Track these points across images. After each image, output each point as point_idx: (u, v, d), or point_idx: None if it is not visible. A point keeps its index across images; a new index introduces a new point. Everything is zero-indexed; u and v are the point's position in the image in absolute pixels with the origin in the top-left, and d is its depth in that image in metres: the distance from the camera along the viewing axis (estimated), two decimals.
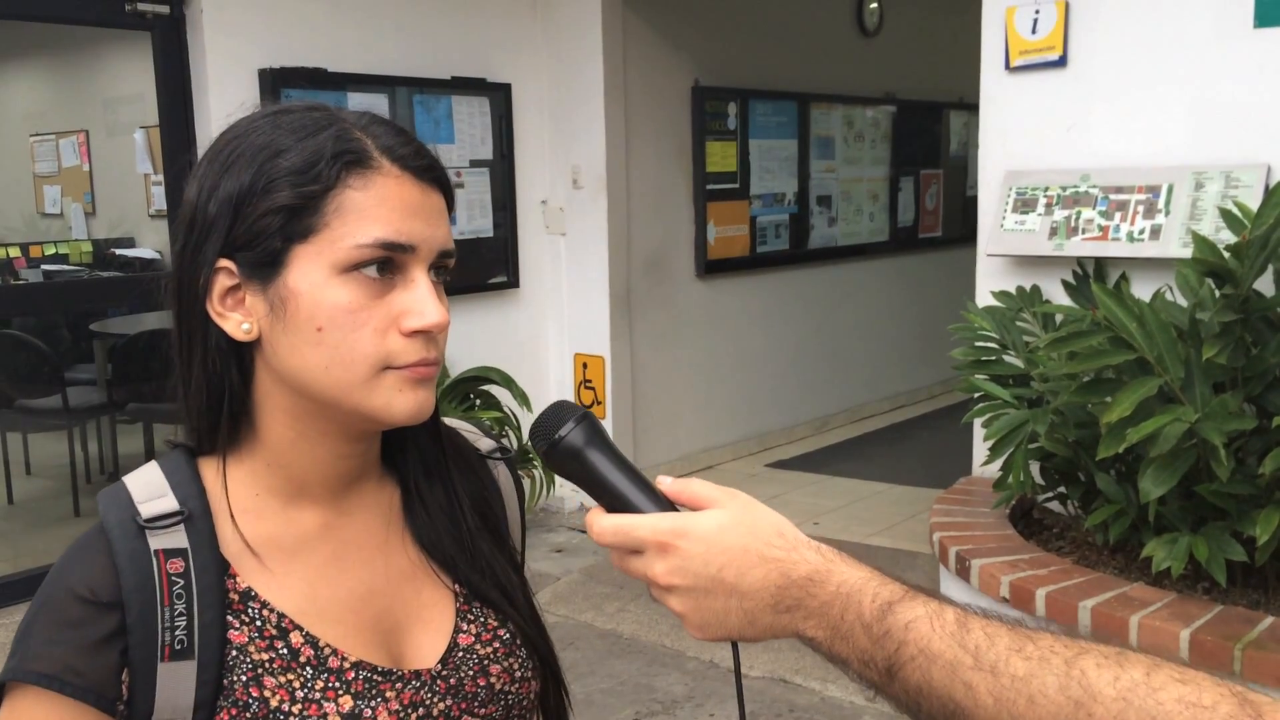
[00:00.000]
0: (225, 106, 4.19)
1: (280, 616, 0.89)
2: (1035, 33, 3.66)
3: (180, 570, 0.86)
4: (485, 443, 1.07)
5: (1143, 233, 3.43)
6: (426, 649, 0.95)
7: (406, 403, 0.88)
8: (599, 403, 5.47)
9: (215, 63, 4.23)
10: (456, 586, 0.98)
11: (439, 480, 0.99)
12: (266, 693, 0.86)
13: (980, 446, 3.78)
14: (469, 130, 5.07)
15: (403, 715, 0.90)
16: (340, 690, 0.88)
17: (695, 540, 0.79)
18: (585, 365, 5.50)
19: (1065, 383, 3.01)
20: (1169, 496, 2.86)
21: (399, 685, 0.91)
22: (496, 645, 0.97)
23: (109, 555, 0.85)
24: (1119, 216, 3.49)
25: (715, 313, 6.04)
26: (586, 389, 5.51)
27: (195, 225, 0.88)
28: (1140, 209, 3.46)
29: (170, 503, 0.88)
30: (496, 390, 4.65)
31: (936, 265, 7.40)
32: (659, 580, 0.80)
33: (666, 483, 0.85)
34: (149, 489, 0.89)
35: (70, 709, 0.83)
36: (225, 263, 0.87)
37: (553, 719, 1.05)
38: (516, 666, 0.98)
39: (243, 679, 0.86)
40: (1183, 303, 3.15)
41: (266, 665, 0.87)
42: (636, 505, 0.83)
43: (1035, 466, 3.31)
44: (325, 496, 0.94)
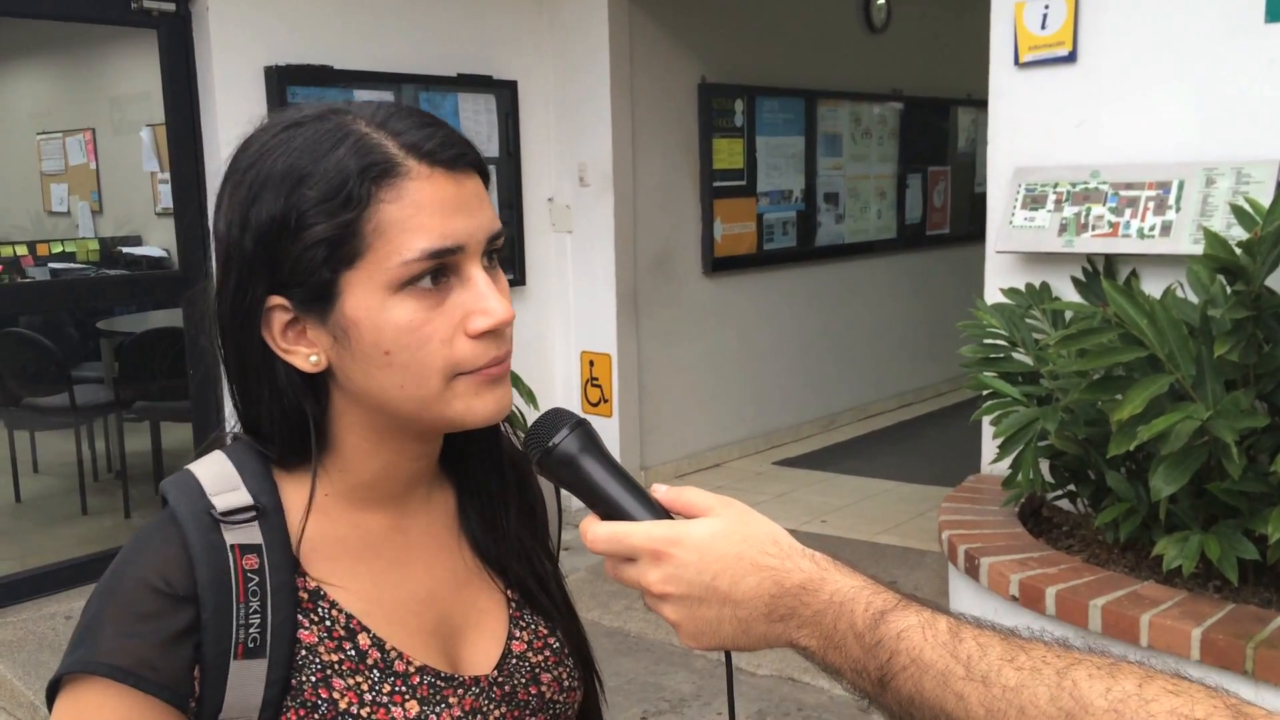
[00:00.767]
0: (231, 104, 4.23)
1: (349, 617, 0.88)
2: (1045, 28, 3.64)
3: (255, 567, 0.84)
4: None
5: (1153, 229, 3.41)
6: (482, 655, 0.94)
7: (485, 405, 0.87)
8: (605, 400, 5.46)
9: (221, 60, 4.23)
10: (509, 592, 0.98)
11: (496, 484, 0.98)
12: (335, 694, 0.85)
13: (989, 444, 3.77)
14: (475, 128, 5.06)
15: None
16: (406, 695, 0.87)
17: (689, 549, 0.79)
18: (592, 363, 5.49)
19: (1075, 380, 2.99)
20: (1180, 494, 2.85)
21: (460, 691, 0.90)
22: (547, 654, 0.97)
23: (183, 547, 0.83)
24: (1129, 213, 3.47)
25: (722, 310, 6.03)
26: (593, 386, 5.51)
27: (233, 262, 0.85)
28: (1151, 205, 3.44)
29: (244, 496, 0.86)
30: None
31: (944, 262, 7.38)
32: (653, 589, 0.80)
33: (661, 490, 0.84)
34: (221, 481, 0.86)
35: (144, 705, 0.80)
36: (277, 299, 0.84)
37: None
38: (565, 676, 0.98)
39: (312, 679, 0.85)
40: (1194, 299, 3.13)
41: (336, 666, 0.86)
42: (631, 513, 0.83)
43: (1045, 464, 3.29)
44: (391, 499, 0.93)
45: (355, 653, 0.87)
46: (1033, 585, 3.00)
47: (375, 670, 0.87)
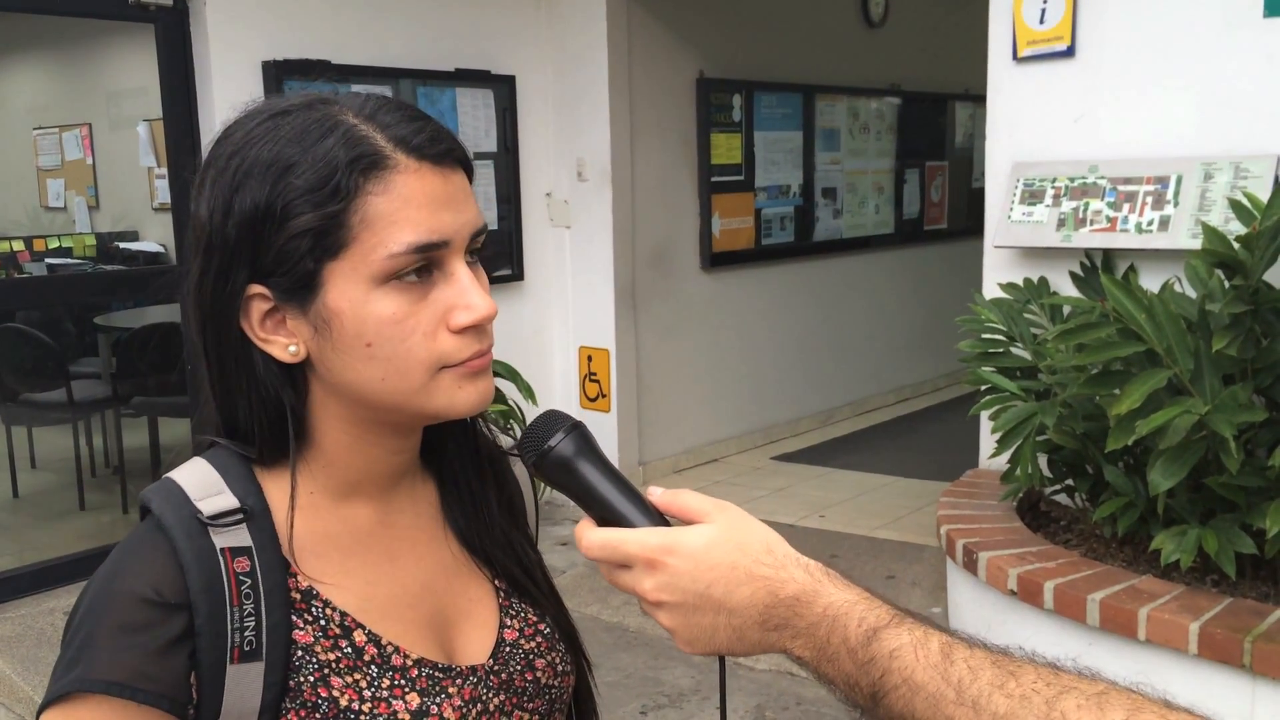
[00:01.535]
0: (229, 99, 4.21)
1: (343, 615, 0.88)
2: (1043, 23, 3.64)
3: (246, 569, 0.83)
4: (504, 440, 1.07)
5: (1151, 224, 3.42)
6: (476, 644, 0.95)
7: (468, 396, 0.87)
8: (603, 395, 5.46)
9: (219, 55, 4.22)
10: (497, 582, 0.99)
11: (476, 476, 0.99)
12: (335, 692, 0.85)
13: (987, 439, 3.77)
14: (473, 123, 5.05)
15: (465, 711, 0.90)
16: (406, 688, 0.88)
17: (683, 557, 0.79)
18: (590, 358, 5.49)
19: (1073, 375, 2.99)
20: (1178, 489, 2.85)
21: (459, 681, 0.91)
22: (539, 640, 0.98)
23: (172, 554, 0.82)
24: (1127, 208, 3.47)
25: (720, 305, 6.03)
26: (591, 382, 5.51)
27: (214, 249, 0.84)
28: (1149, 200, 3.44)
29: (230, 500, 0.85)
30: (501, 383, 4.64)
31: (942, 257, 7.38)
32: (648, 596, 0.80)
33: (657, 494, 0.84)
34: (204, 486, 0.86)
35: (143, 716, 0.79)
36: (258, 288, 0.84)
37: (583, 712, 1.06)
38: (558, 661, 0.99)
39: (310, 679, 0.85)
40: (1192, 294, 3.13)
41: (333, 665, 0.86)
42: (627, 517, 0.83)
43: (1043, 459, 3.30)
44: (376, 493, 0.93)
45: (352, 650, 0.87)
46: (1031, 579, 3.01)
47: (373, 666, 0.87)
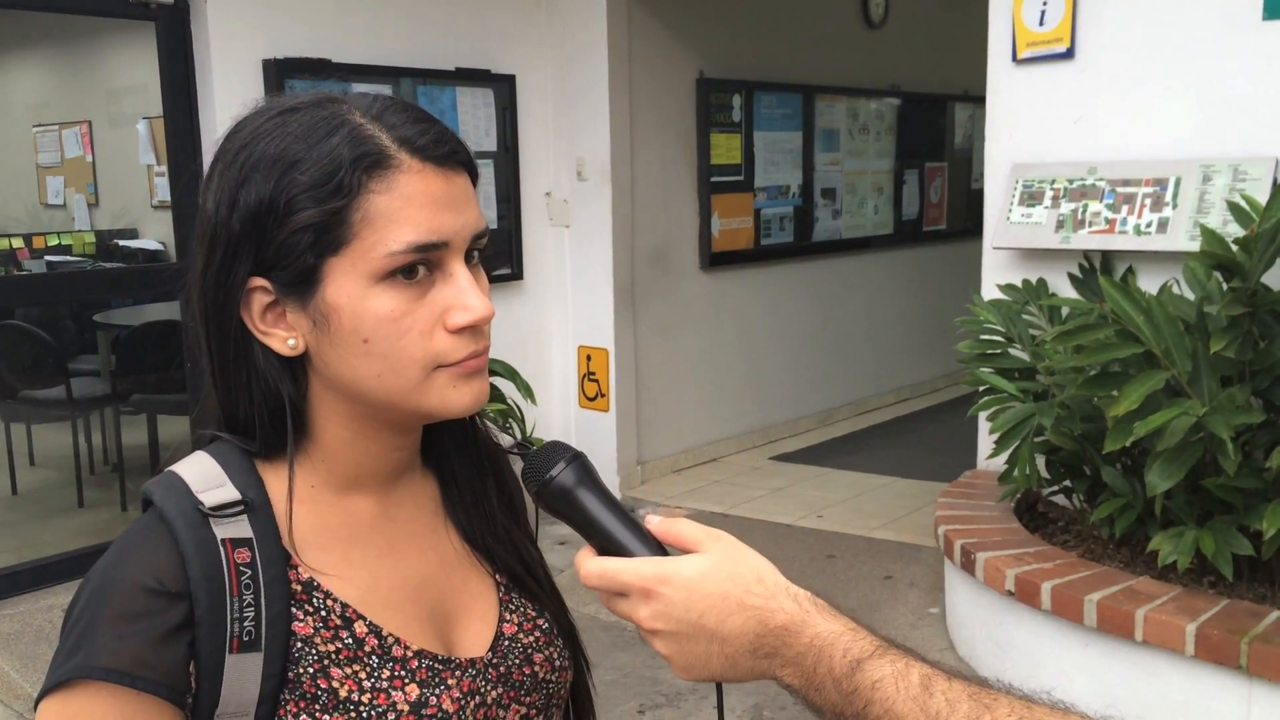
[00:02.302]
0: (229, 97, 4.22)
1: (344, 606, 0.88)
2: (1043, 24, 3.65)
3: (247, 560, 0.84)
4: (504, 438, 1.08)
5: (1150, 226, 3.42)
6: (475, 637, 0.96)
7: (462, 397, 0.88)
8: (602, 395, 5.47)
9: (219, 53, 4.22)
10: (498, 576, 1.00)
11: (476, 473, 1.00)
12: (334, 683, 0.86)
13: (986, 439, 3.77)
14: (473, 122, 5.06)
15: (463, 703, 0.91)
16: (406, 679, 0.88)
17: (677, 587, 0.82)
18: (589, 357, 5.49)
19: (1072, 376, 3.00)
20: (1175, 490, 2.86)
21: (458, 673, 0.92)
22: (537, 635, 0.99)
23: (173, 544, 0.83)
24: (1126, 209, 3.48)
25: (719, 305, 6.03)
26: (590, 381, 5.51)
27: (218, 242, 0.85)
28: (1147, 202, 3.44)
29: (231, 492, 0.86)
30: (500, 382, 4.63)
31: (941, 258, 7.38)
32: (643, 625, 0.83)
33: (654, 522, 0.86)
34: (206, 479, 0.87)
35: (141, 704, 0.80)
36: (259, 281, 0.85)
37: (580, 709, 1.07)
38: (555, 656, 1.00)
39: (310, 670, 0.85)
40: (1190, 296, 3.14)
41: (333, 656, 0.86)
42: (625, 546, 0.86)
43: (1041, 460, 3.30)
44: (377, 487, 0.94)
45: (352, 640, 0.87)
46: (1028, 580, 3.01)
47: (374, 657, 0.88)
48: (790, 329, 6.48)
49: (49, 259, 6.98)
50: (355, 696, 0.86)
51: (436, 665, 0.90)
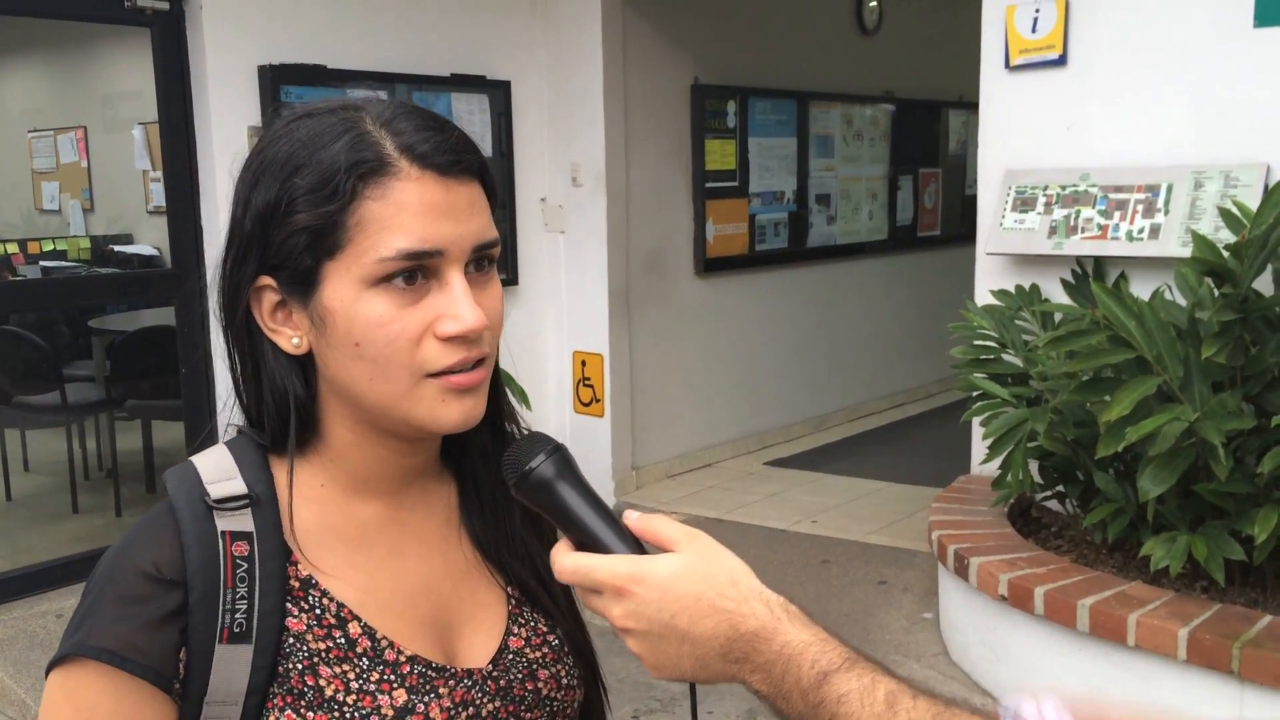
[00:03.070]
0: (224, 103, 4.23)
1: (340, 606, 0.89)
2: (1035, 31, 3.66)
3: (245, 554, 0.86)
4: None
5: (1142, 232, 3.43)
6: (478, 648, 0.95)
7: (451, 413, 0.88)
8: (597, 400, 5.47)
9: (215, 59, 4.22)
10: (509, 589, 0.99)
11: (501, 485, 0.99)
12: (322, 681, 0.86)
13: (979, 445, 3.78)
14: (468, 128, 5.05)
15: (453, 713, 0.90)
16: (395, 683, 0.88)
17: (650, 587, 0.81)
18: (584, 363, 5.50)
19: (1064, 381, 3.01)
20: (1167, 495, 2.87)
21: (451, 682, 0.91)
22: (545, 651, 0.98)
23: (176, 533, 0.85)
24: (1118, 215, 3.49)
25: (714, 311, 6.04)
26: (585, 386, 5.51)
27: (234, 240, 0.89)
28: (1139, 208, 3.46)
29: (239, 485, 0.88)
30: None
31: (935, 264, 7.40)
32: (616, 623, 0.83)
33: (633, 518, 0.85)
34: (218, 470, 0.89)
35: (129, 686, 0.83)
36: (267, 280, 0.87)
37: None
38: (563, 674, 0.98)
39: (299, 667, 0.86)
40: (1182, 302, 3.15)
41: (323, 654, 0.87)
42: (603, 542, 0.84)
43: (1034, 465, 3.31)
44: (387, 491, 0.94)
45: (345, 641, 0.88)
46: (1021, 585, 3.02)
47: (364, 659, 0.88)
48: (785, 334, 6.49)
49: (44, 264, 6.98)
50: (340, 696, 0.86)
51: (430, 673, 0.90)
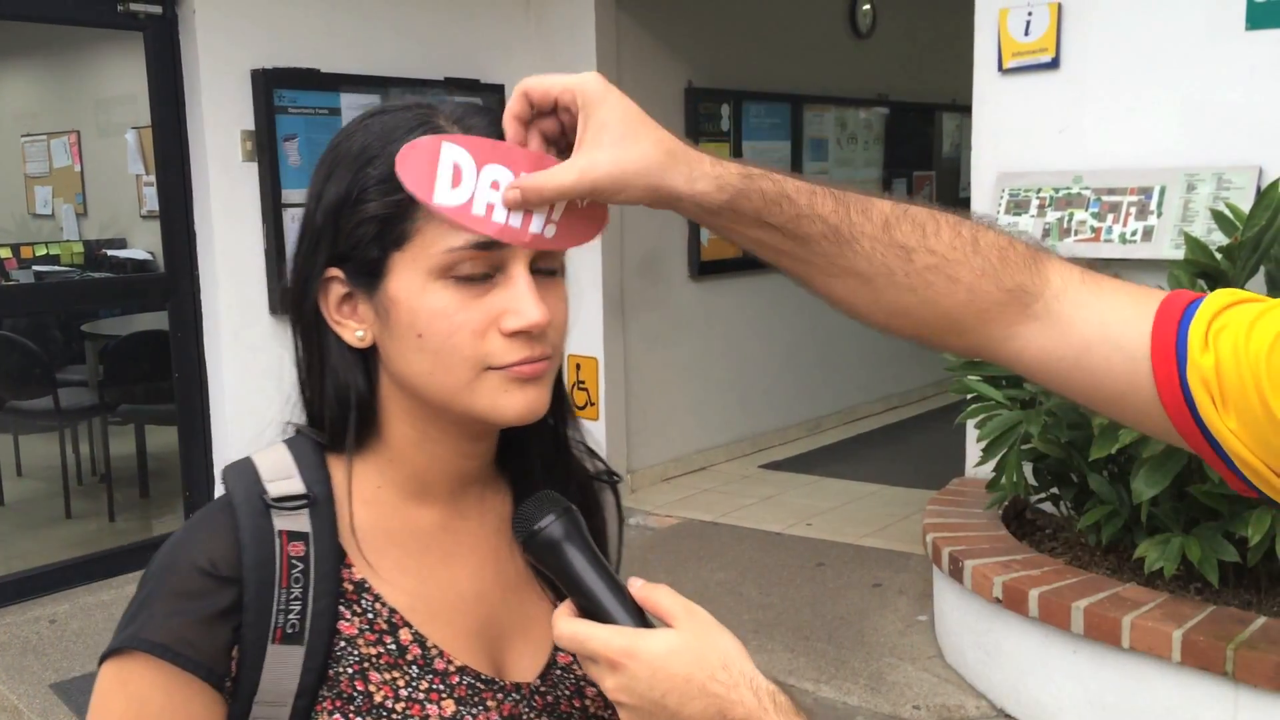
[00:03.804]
0: (217, 107, 4.23)
1: (392, 611, 0.88)
2: (1028, 35, 3.67)
3: (300, 554, 0.85)
4: (595, 463, 1.05)
5: (1135, 234, 3.44)
6: (526, 661, 0.94)
7: (514, 402, 0.87)
8: (592, 404, 5.47)
9: (208, 63, 4.22)
10: (558, 603, 0.97)
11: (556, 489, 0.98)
12: (371, 687, 0.86)
13: (973, 447, 3.79)
14: None
15: None
16: (444, 694, 0.88)
17: (643, 663, 0.81)
18: (579, 366, 5.50)
19: None
20: (1161, 497, 2.87)
21: (500, 695, 0.90)
22: None
23: (233, 530, 0.85)
24: (1111, 218, 3.50)
25: (709, 314, 6.04)
26: (579, 390, 5.51)
27: (306, 233, 0.89)
28: (1132, 210, 3.46)
29: (297, 485, 0.87)
30: None
31: None
32: (609, 694, 0.83)
33: (637, 585, 0.85)
34: (277, 469, 0.88)
35: (180, 680, 0.82)
36: (335, 272, 0.87)
37: None
38: None
39: (349, 671, 0.86)
40: None
41: (374, 660, 0.86)
42: (605, 608, 0.84)
43: (1028, 467, 3.31)
44: (444, 496, 0.93)
45: (395, 647, 0.87)
46: (1016, 587, 3.02)
47: (414, 666, 0.88)
48: (779, 338, 6.50)
49: (37, 269, 6.97)
50: (389, 704, 0.86)
51: (478, 685, 0.89)
